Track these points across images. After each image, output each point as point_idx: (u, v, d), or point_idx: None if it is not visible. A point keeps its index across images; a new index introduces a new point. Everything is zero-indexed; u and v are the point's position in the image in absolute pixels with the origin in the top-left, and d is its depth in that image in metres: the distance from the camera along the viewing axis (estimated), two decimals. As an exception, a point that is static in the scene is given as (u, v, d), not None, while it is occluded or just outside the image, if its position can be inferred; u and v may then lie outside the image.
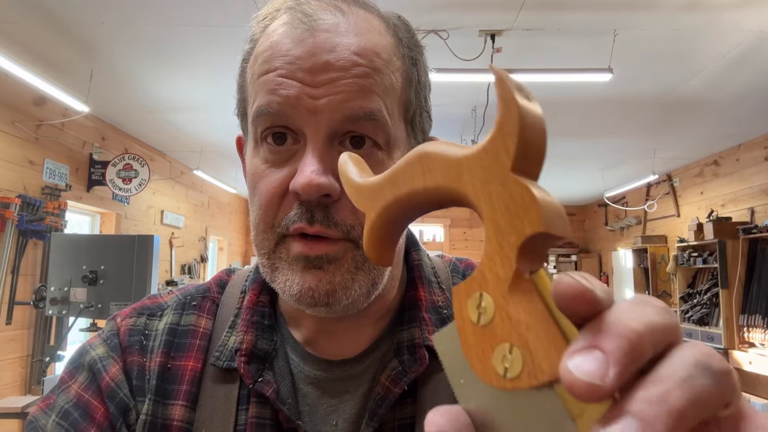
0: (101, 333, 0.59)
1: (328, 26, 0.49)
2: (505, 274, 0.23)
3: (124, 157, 4.87)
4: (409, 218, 0.30)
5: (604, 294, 0.22)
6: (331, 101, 0.47)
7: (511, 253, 0.23)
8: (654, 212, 7.39)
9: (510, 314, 0.23)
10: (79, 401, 0.53)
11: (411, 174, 0.28)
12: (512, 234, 0.23)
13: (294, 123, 0.48)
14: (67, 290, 3.33)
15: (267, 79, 0.49)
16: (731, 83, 3.94)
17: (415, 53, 0.55)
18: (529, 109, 0.25)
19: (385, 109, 0.49)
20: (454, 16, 3.07)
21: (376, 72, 0.49)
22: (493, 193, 0.24)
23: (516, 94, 0.25)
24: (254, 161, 0.51)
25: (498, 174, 0.24)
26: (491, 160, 0.25)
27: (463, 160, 0.26)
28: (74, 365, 0.56)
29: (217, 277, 0.65)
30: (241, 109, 0.56)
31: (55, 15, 3.05)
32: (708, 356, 0.21)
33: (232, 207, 9.04)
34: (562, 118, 4.88)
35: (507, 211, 0.24)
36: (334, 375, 0.55)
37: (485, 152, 0.25)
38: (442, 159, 0.27)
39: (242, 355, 0.53)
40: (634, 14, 3.01)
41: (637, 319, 0.21)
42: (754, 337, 5.06)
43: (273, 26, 0.51)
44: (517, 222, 0.23)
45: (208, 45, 3.39)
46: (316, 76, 0.47)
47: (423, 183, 0.28)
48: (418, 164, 0.28)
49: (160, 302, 0.61)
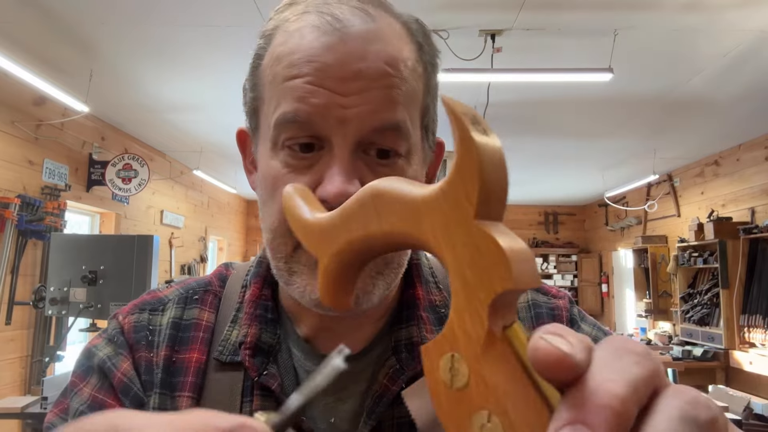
0: (104, 333, 0.58)
1: (359, 32, 0.48)
2: (477, 334, 0.22)
3: (124, 157, 4.86)
4: (366, 260, 0.28)
5: (582, 352, 0.21)
6: (361, 111, 0.47)
7: (482, 310, 0.22)
8: (654, 212, 7.39)
9: (486, 378, 0.21)
10: (94, 401, 0.53)
11: (364, 216, 0.26)
12: (481, 290, 0.22)
13: (321, 131, 0.48)
14: (67, 290, 3.33)
15: (294, 86, 0.48)
16: (731, 83, 3.93)
17: (433, 58, 0.55)
18: (488, 147, 0.23)
19: (409, 119, 0.50)
20: (455, 15, 3.07)
21: (403, 81, 0.49)
22: (457, 244, 0.23)
23: (473, 132, 0.23)
24: (273, 164, 0.51)
25: (461, 222, 0.23)
26: (452, 206, 0.23)
27: (421, 204, 0.24)
28: (83, 368, 0.56)
29: (217, 271, 0.65)
30: (252, 106, 0.55)
31: (55, 15, 3.05)
32: (694, 406, 0.20)
33: (231, 207, 9.04)
34: (562, 118, 4.87)
35: (474, 264, 0.22)
36: None
37: (445, 196, 0.24)
38: (398, 201, 0.25)
39: (246, 348, 0.54)
40: (635, 14, 3.01)
41: (620, 379, 0.20)
42: (754, 337, 5.06)
43: (297, 26, 0.50)
44: (485, 277, 0.22)
45: (208, 45, 3.39)
46: (347, 84, 0.47)
47: (379, 227, 0.26)
48: (371, 206, 0.26)
49: (160, 296, 0.61)
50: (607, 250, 9.36)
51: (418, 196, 0.25)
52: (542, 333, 0.21)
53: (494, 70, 3.46)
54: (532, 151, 6.09)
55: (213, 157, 6.26)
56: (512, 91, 4.11)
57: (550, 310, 0.60)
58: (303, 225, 0.31)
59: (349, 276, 0.29)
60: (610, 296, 9.33)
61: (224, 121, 4.85)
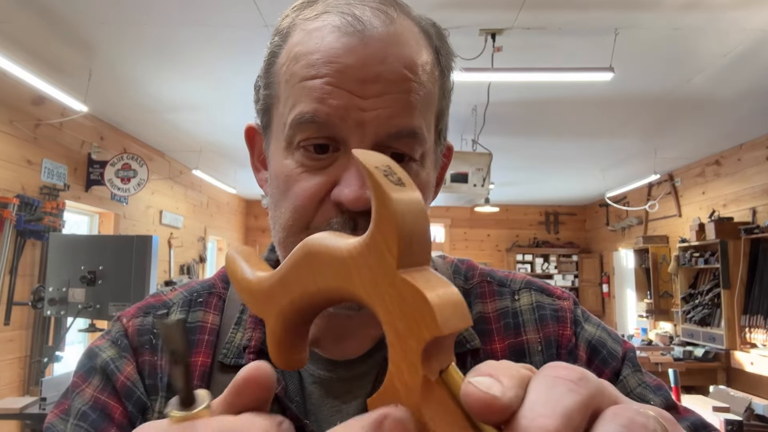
0: (107, 335, 0.58)
1: (380, 35, 0.48)
2: (413, 383, 0.22)
3: (123, 156, 4.85)
4: (311, 317, 0.29)
5: (513, 389, 0.21)
6: (379, 115, 0.47)
7: (415, 359, 0.22)
8: (655, 212, 7.38)
9: (428, 427, 0.22)
10: (96, 403, 0.53)
11: (300, 275, 0.27)
12: (412, 339, 0.22)
13: (339, 133, 0.48)
14: (66, 290, 3.32)
15: (313, 86, 0.48)
16: (732, 82, 3.92)
17: (449, 62, 0.56)
18: (404, 198, 0.24)
19: (425, 125, 0.50)
20: (455, 14, 3.06)
21: (421, 86, 0.50)
22: (385, 296, 0.23)
23: (387, 185, 0.23)
24: (287, 163, 0.50)
25: (385, 275, 0.23)
26: (376, 260, 0.24)
27: (348, 258, 0.25)
28: (85, 369, 0.55)
29: (221, 272, 0.64)
30: (265, 104, 0.54)
31: (54, 14, 3.04)
32: (629, 428, 0.20)
33: (231, 207, 9.03)
34: (563, 118, 4.86)
35: (403, 315, 0.23)
36: (338, 375, 0.55)
37: (368, 250, 0.24)
38: (329, 257, 0.26)
39: (251, 352, 0.54)
40: (635, 13, 3.00)
41: (553, 411, 0.20)
42: (755, 337, 5.05)
43: (316, 25, 0.50)
44: (414, 326, 0.22)
45: (208, 45, 3.38)
46: (366, 87, 0.47)
47: (315, 285, 0.26)
48: (306, 265, 0.27)
49: (164, 300, 0.61)
50: (608, 250, 9.35)
51: (346, 251, 0.25)
52: (472, 376, 0.21)
53: (494, 70, 3.44)
54: (532, 151, 6.08)
55: (212, 157, 6.25)
56: (512, 90, 4.09)
57: (554, 312, 0.60)
58: (246, 287, 0.30)
59: (297, 333, 0.29)
60: (610, 296, 9.32)
61: (224, 121, 4.84)
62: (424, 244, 0.24)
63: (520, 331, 0.58)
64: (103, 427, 0.51)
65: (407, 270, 0.23)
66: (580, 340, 0.58)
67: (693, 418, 0.55)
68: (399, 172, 0.25)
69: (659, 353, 5.52)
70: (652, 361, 5.08)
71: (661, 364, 5.06)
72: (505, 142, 5.50)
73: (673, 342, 6.23)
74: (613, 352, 0.58)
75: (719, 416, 3.04)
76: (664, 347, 5.91)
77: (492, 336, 0.58)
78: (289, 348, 0.29)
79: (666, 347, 5.91)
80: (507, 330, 0.58)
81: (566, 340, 0.58)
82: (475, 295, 0.61)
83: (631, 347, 0.60)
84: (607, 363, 0.57)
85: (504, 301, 0.61)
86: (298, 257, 0.27)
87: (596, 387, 0.22)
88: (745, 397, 3.82)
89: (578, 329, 0.59)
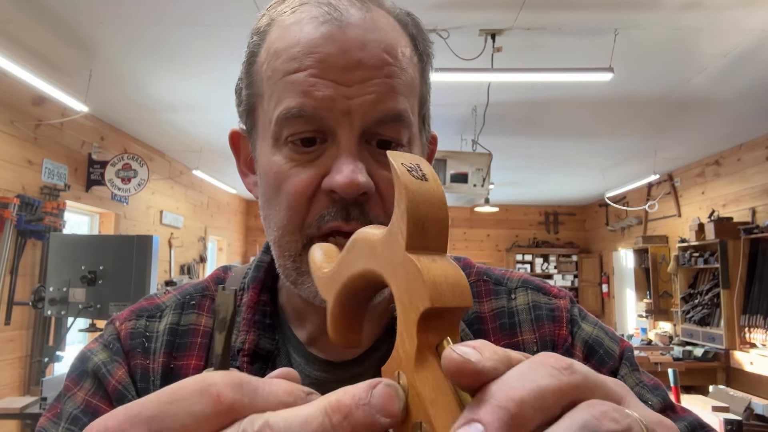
0: (100, 338, 0.58)
1: (358, 22, 0.48)
2: (410, 351, 0.24)
3: (123, 156, 4.86)
4: (362, 299, 0.31)
5: (492, 362, 0.22)
6: (365, 102, 0.47)
7: (413, 329, 0.24)
8: (655, 212, 7.38)
9: (418, 391, 0.23)
10: (88, 406, 0.52)
11: (349, 261, 0.30)
12: (411, 311, 0.24)
13: (327, 124, 0.48)
14: (66, 290, 3.32)
15: (297, 79, 0.47)
16: (732, 83, 3.92)
17: (427, 49, 0.55)
18: (421, 188, 0.26)
19: (409, 108, 0.50)
20: (455, 15, 3.06)
21: (402, 71, 0.49)
22: (397, 273, 0.26)
23: (406, 177, 0.26)
24: (275, 160, 0.50)
25: (397, 254, 0.26)
26: (393, 241, 0.26)
27: (377, 243, 0.28)
28: (77, 372, 0.55)
29: (214, 274, 0.64)
30: (248, 104, 0.54)
31: (54, 14, 3.04)
32: (599, 419, 0.21)
33: (231, 207, 9.03)
34: (563, 118, 4.87)
35: (407, 289, 0.25)
36: (335, 376, 0.55)
37: (389, 234, 0.27)
38: (364, 243, 0.29)
39: (245, 354, 0.53)
40: (635, 14, 3.00)
41: (522, 386, 0.21)
42: (755, 337, 5.05)
43: (294, 18, 0.50)
44: (414, 299, 0.24)
45: (208, 44, 3.38)
46: (349, 74, 0.47)
47: (356, 268, 0.29)
48: (353, 251, 0.30)
49: (157, 303, 0.60)
50: (607, 250, 9.35)
51: (376, 237, 0.28)
52: (458, 345, 0.22)
53: (494, 70, 3.45)
54: (532, 151, 6.08)
55: (212, 157, 6.26)
56: (512, 90, 4.10)
57: (550, 311, 0.59)
58: (315, 276, 0.34)
59: (352, 315, 0.32)
60: (610, 296, 9.32)
61: (224, 121, 4.84)
62: (439, 232, 0.26)
63: (515, 331, 0.58)
64: None
65: (418, 252, 0.25)
66: (576, 340, 0.58)
67: (690, 418, 0.54)
68: (427, 169, 0.27)
69: (659, 353, 5.52)
70: (652, 361, 5.08)
71: (660, 363, 5.06)
72: (505, 142, 5.51)
73: (672, 342, 6.23)
74: (610, 351, 0.57)
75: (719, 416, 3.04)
76: (663, 347, 5.92)
77: (488, 336, 0.57)
78: (345, 327, 0.32)
79: (665, 347, 5.92)
80: (503, 330, 0.58)
81: (562, 340, 0.58)
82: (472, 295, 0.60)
83: (629, 346, 0.60)
84: (604, 362, 0.56)
85: (500, 301, 0.60)
86: (348, 246, 0.30)
87: (583, 379, 0.22)
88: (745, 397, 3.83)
89: (575, 328, 0.59)
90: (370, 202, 0.48)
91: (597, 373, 0.24)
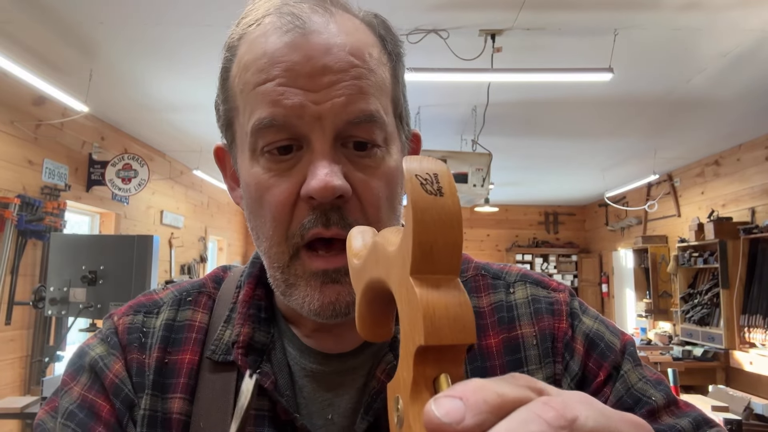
0: (98, 333, 0.59)
1: (320, 27, 0.49)
2: (407, 380, 0.23)
3: (124, 156, 4.86)
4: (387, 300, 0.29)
5: (478, 417, 0.20)
6: (335, 105, 0.47)
7: (410, 359, 0.23)
8: (655, 212, 7.39)
9: (410, 423, 0.23)
10: (84, 401, 0.53)
11: (369, 264, 0.29)
12: (410, 341, 0.23)
13: (299, 131, 0.48)
14: (67, 290, 3.32)
15: (266, 90, 0.48)
16: (732, 83, 3.93)
17: (396, 48, 0.56)
18: (433, 205, 0.24)
19: (381, 108, 0.50)
20: (454, 15, 3.06)
21: (371, 72, 0.50)
22: (402, 296, 0.25)
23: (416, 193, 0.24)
24: (254, 171, 0.50)
25: (403, 276, 0.24)
26: (401, 260, 0.25)
27: (391, 255, 0.26)
28: (75, 367, 0.56)
29: (213, 273, 0.65)
30: (226, 119, 0.55)
31: (55, 15, 3.04)
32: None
33: (231, 207, 9.04)
34: (563, 118, 4.87)
35: (408, 316, 0.24)
36: (331, 368, 0.55)
37: (399, 251, 0.25)
38: (383, 252, 0.27)
39: (240, 347, 0.53)
40: (635, 14, 3.01)
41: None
42: (754, 337, 5.06)
43: (259, 31, 0.50)
44: (413, 330, 0.23)
45: (208, 44, 3.39)
46: (316, 80, 0.47)
47: (373, 274, 0.28)
48: (373, 254, 0.29)
49: (155, 299, 0.61)
50: (607, 250, 9.36)
51: (391, 249, 0.26)
52: (442, 395, 0.21)
53: (494, 70, 3.45)
54: (532, 151, 6.09)
55: (212, 157, 6.23)
56: (512, 91, 4.10)
57: (549, 305, 0.59)
58: (351, 265, 0.33)
59: (379, 311, 0.31)
60: (610, 296, 9.33)
61: (224, 121, 4.84)
62: (449, 255, 0.24)
63: (514, 325, 0.58)
64: (90, 426, 0.51)
65: (423, 276, 0.24)
66: (577, 333, 0.58)
67: (694, 413, 0.54)
68: (444, 181, 0.25)
69: (658, 353, 5.53)
70: (652, 361, 5.09)
71: (660, 363, 5.07)
72: (505, 142, 5.51)
73: (672, 341, 6.24)
74: (611, 345, 0.57)
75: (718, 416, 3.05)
76: (663, 347, 5.92)
77: (486, 331, 0.57)
78: (372, 322, 0.31)
79: (665, 347, 5.92)
80: (501, 324, 0.58)
81: (562, 333, 0.57)
82: (470, 289, 0.60)
83: (630, 340, 0.59)
84: (605, 356, 0.56)
85: (498, 295, 0.60)
86: (370, 247, 0.29)
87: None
88: (744, 397, 3.83)
89: (575, 322, 0.59)
90: (347, 205, 0.48)
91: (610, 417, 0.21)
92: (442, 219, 0.24)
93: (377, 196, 0.50)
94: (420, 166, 0.25)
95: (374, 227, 0.36)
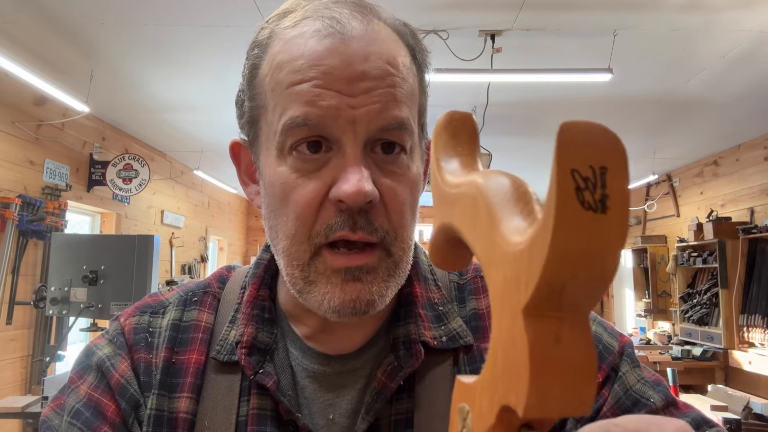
0: (106, 333, 0.59)
1: (360, 34, 0.49)
2: (485, 420, 0.20)
3: (125, 157, 4.87)
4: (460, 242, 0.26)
5: None
6: (369, 111, 0.48)
7: (495, 407, 0.19)
8: (654, 212, 7.40)
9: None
10: (90, 400, 0.54)
11: (464, 209, 0.23)
12: (499, 389, 0.19)
13: (332, 133, 0.48)
14: (68, 290, 3.33)
15: (301, 90, 0.48)
16: (731, 83, 3.94)
17: (424, 59, 0.57)
18: (586, 227, 0.16)
19: (411, 116, 0.52)
20: (454, 16, 3.07)
21: (403, 80, 0.51)
22: (503, 320, 0.19)
23: (567, 201, 0.16)
24: (280, 170, 0.51)
25: (511, 302, 0.18)
26: (515, 275, 0.18)
27: (502, 243, 0.20)
28: (82, 366, 0.57)
29: (218, 273, 0.65)
30: (251, 116, 0.55)
31: (56, 15, 3.05)
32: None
33: (232, 207, 9.04)
34: (562, 118, 4.82)
35: (505, 355, 0.19)
36: (332, 369, 0.56)
37: (521, 255, 0.18)
38: (490, 220, 0.22)
39: (243, 347, 0.54)
40: (634, 14, 3.01)
41: None
42: (753, 337, 5.07)
43: (296, 32, 0.51)
44: (507, 380, 0.19)
45: (209, 45, 3.39)
46: (353, 85, 0.48)
47: (472, 239, 0.23)
48: (471, 204, 0.23)
49: (161, 300, 0.62)
50: (606, 250, 9.35)
51: (506, 229, 0.20)
52: None
53: (494, 71, 3.46)
54: (532, 152, 6.09)
55: (213, 157, 6.26)
56: (512, 91, 4.11)
57: None
58: (435, 183, 0.27)
59: (454, 245, 0.26)
60: (609, 296, 9.33)
61: (224, 121, 4.85)
62: (588, 293, 0.17)
63: None
64: (95, 426, 0.52)
65: (542, 312, 0.18)
66: None
67: (694, 414, 0.54)
68: (614, 188, 0.17)
69: (658, 352, 5.54)
70: (651, 360, 5.10)
71: (659, 363, 5.08)
72: (505, 142, 5.52)
73: (671, 341, 6.24)
74: (609, 346, 0.57)
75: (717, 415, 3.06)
76: (662, 346, 5.93)
77: (486, 333, 0.57)
78: (445, 253, 0.27)
79: (664, 346, 5.93)
80: None
81: None
82: (469, 291, 0.61)
83: (628, 341, 0.59)
84: (603, 358, 0.56)
85: None
86: (472, 193, 0.23)
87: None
88: (743, 396, 3.84)
89: None
90: (373, 210, 0.49)
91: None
92: (592, 249, 0.16)
93: (402, 202, 0.51)
94: (580, 153, 0.17)
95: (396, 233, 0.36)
